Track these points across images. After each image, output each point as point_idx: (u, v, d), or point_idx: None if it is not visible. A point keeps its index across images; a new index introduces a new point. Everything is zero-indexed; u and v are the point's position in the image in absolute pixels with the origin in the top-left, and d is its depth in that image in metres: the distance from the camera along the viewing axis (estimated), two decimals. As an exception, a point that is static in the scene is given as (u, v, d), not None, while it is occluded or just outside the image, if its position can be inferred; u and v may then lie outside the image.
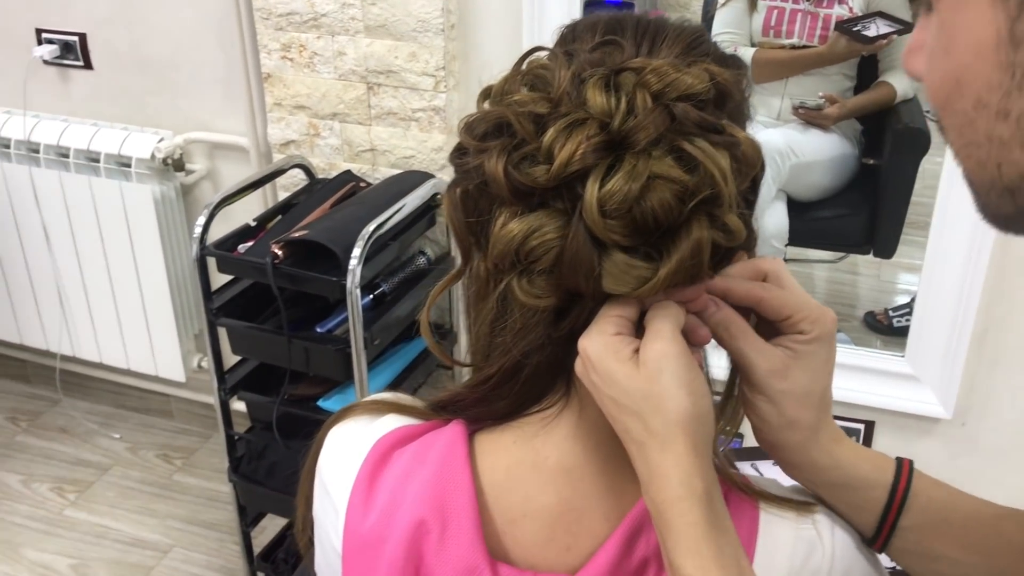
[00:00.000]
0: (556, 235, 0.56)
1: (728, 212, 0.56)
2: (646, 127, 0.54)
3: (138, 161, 2.15)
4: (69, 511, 2.35)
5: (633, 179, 0.53)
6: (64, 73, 2.26)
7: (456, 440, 0.66)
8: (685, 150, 0.54)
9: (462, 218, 0.62)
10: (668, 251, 0.55)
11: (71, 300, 2.39)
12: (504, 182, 0.56)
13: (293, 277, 1.65)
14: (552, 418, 0.64)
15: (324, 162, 2.00)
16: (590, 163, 0.54)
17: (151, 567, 2.18)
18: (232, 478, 1.89)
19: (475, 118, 0.60)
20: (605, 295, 0.57)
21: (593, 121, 0.55)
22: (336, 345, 1.67)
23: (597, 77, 0.56)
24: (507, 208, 0.57)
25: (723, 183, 0.54)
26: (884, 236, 2.56)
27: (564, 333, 0.60)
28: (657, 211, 0.54)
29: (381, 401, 0.74)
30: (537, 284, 0.58)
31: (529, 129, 0.56)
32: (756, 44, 2.65)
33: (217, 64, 2.10)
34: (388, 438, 0.69)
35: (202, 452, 2.53)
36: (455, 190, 0.62)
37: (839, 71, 2.61)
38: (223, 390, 1.84)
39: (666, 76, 0.56)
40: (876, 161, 2.68)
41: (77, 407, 2.68)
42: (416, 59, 1.83)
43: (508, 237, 0.57)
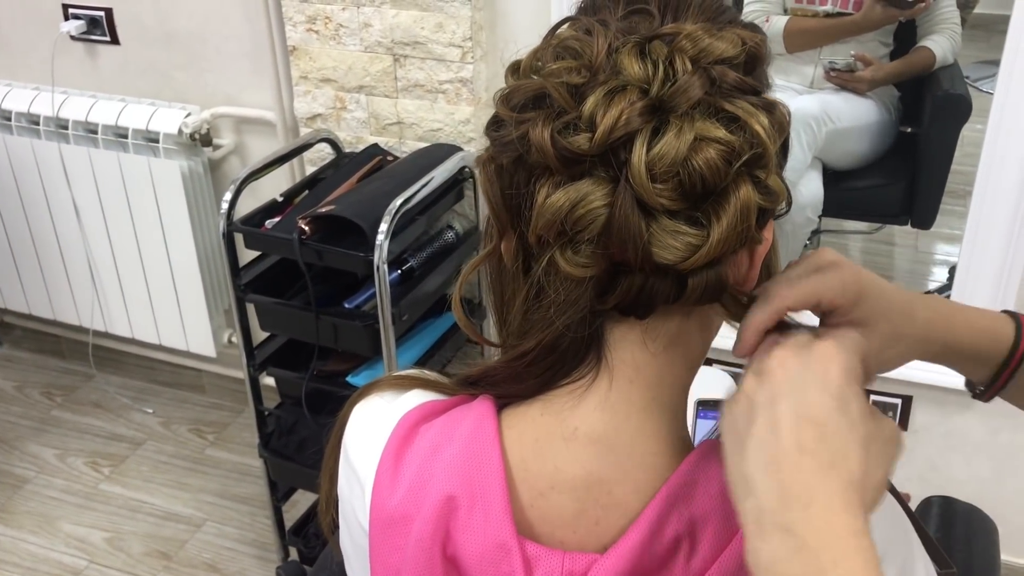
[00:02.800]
0: (603, 203, 0.55)
1: (770, 173, 0.57)
2: (687, 90, 0.54)
3: (166, 136, 2.14)
4: (104, 485, 2.37)
5: (680, 140, 0.53)
6: (91, 48, 2.26)
7: (485, 415, 0.65)
8: (727, 111, 0.55)
9: (499, 193, 0.61)
10: (716, 215, 0.55)
11: (102, 276, 2.40)
12: (551, 150, 0.55)
13: (320, 253, 1.64)
14: (582, 390, 0.63)
15: (351, 136, 1.98)
16: (635, 127, 0.54)
17: (184, 540, 2.20)
18: (263, 454, 1.90)
19: (511, 89, 0.59)
20: (653, 264, 0.56)
21: (633, 88, 0.55)
22: (364, 321, 1.66)
23: (631, 45, 0.56)
24: (548, 179, 0.57)
25: (768, 141, 0.55)
26: (923, 206, 2.50)
27: (608, 307, 0.59)
28: (704, 172, 0.53)
29: (406, 376, 0.73)
30: (583, 254, 0.57)
31: (568, 99, 0.56)
32: (789, 12, 2.59)
33: (243, 38, 2.08)
34: (414, 413, 0.68)
35: (234, 427, 2.54)
36: (490, 165, 0.62)
37: (875, 37, 2.54)
38: (252, 366, 1.84)
39: (700, 41, 0.56)
40: (914, 129, 2.61)
41: (110, 382, 2.70)
42: (443, 30, 1.80)
43: (554, 208, 0.56)
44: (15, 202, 2.41)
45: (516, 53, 0.63)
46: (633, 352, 0.62)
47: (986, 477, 1.91)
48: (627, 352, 0.62)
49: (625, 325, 0.61)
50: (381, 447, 0.67)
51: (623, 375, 0.62)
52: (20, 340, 2.86)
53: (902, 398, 1.88)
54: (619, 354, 0.62)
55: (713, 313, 0.64)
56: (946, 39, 2.51)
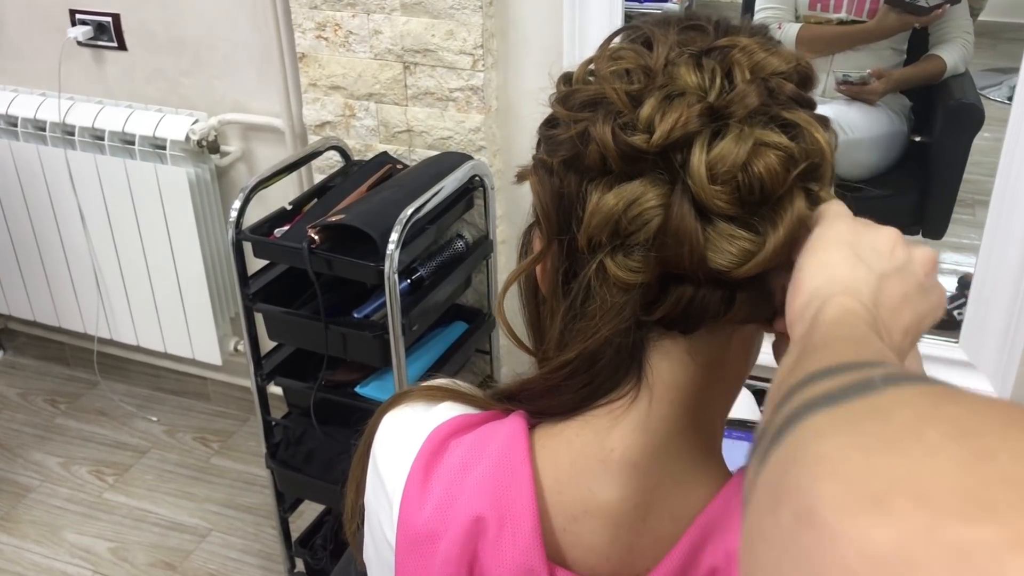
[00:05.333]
0: (658, 203, 0.55)
1: (824, 186, 0.57)
2: (745, 97, 0.54)
3: (173, 143, 2.13)
4: (108, 494, 2.35)
5: (740, 144, 0.53)
6: (98, 54, 2.24)
7: (517, 432, 0.63)
8: (785, 119, 0.55)
9: (550, 193, 0.60)
10: (773, 223, 0.54)
11: (108, 283, 2.39)
12: (612, 145, 0.55)
13: (330, 262, 1.62)
14: (621, 410, 0.61)
15: (360, 143, 1.96)
16: (694, 128, 0.54)
17: (190, 551, 2.18)
18: (270, 464, 1.88)
19: (567, 92, 0.60)
20: (707, 270, 0.55)
21: (692, 93, 0.55)
22: (374, 331, 1.64)
23: (687, 56, 0.57)
24: (600, 182, 0.57)
25: (828, 150, 0.56)
26: (934, 216, 2.49)
27: (654, 319, 0.58)
28: (764, 177, 0.53)
29: (437, 387, 0.72)
30: (634, 258, 0.56)
31: (625, 102, 0.56)
32: (801, 18, 2.57)
33: (251, 44, 2.07)
34: (445, 427, 0.66)
35: (239, 435, 2.52)
36: (540, 168, 0.62)
37: (888, 45, 2.52)
38: (260, 376, 1.82)
39: (755, 54, 0.56)
40: (925, 138, 2.59)
41: (115, 389, 2.68)
42: (453, 37, 1.78)
43: (607, 208, 0.56)
44: (21, 209, 2.39)
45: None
46: (675, 371, 0.60)
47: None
48: (669, 371, 0.60)
49: (668, 341, 0.60)
50: (410, 460, 0.66)
51: (664, 396, 0.60)
52: (24, 347, 2.84)
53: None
54: (660, 373, 0.60)
55: (756, 336, 0.63)
56: (958, 48, 2.49)
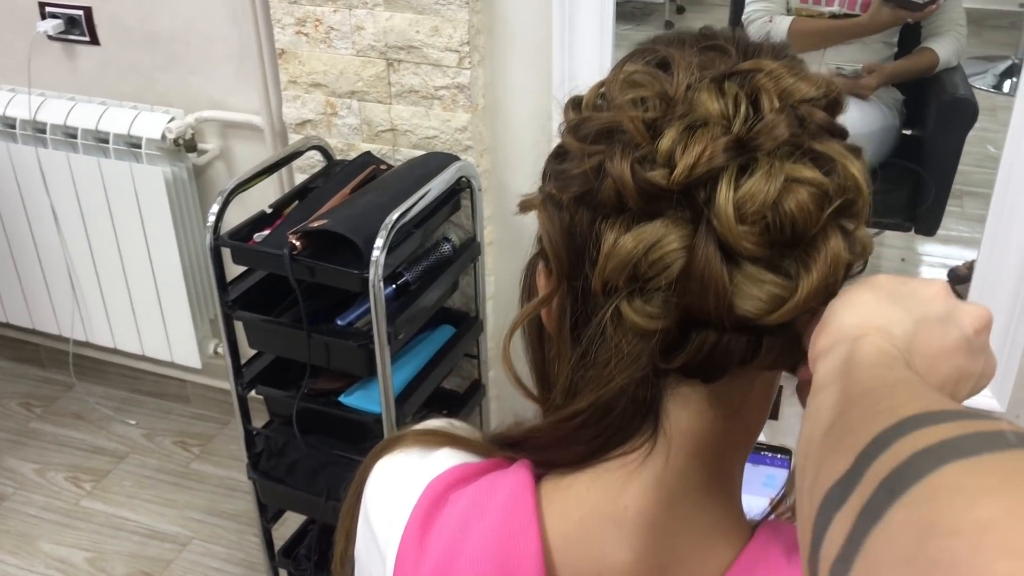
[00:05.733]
0: (680, 245, 0.50)
1: (860, 224, 0.52)
2: (773, 128, 0.49)
3: (148, 142, 2.06)
4: (85, 501, 2.29)
5: (771, 180, 0.49)
6: (69, 49, 2.17)
7: (522, 486, 0.58)
8: (817, 151, 0.50)
9: (561, 232, 0.55)
10: (805, 265, 0.49)
11: (83, 285, 2.32)
12: (631, 183, 0.50)
13: (312, 269, 1.57)
14: (636, 463, 0.56)
15: (342, 143, 1.90)
16: (720, 164, 0.49)
17: (170, 560, 2.13)
18: (251, 475, 1.82)
19: (578, 121, 0.54)
20: (733, 317, 0.50)
21: (715, 123, 0.50)
22: (358, 341, 1.59)
23: (708, 80, 0.52)
24: (615, 221, 0.51)
25: (864, 185, 0.51)
26: (927, 212, 2.45)
27: (676, 367, 0.53)
28: (796, 216, 0.48)
29: (434, 431, 0.66)
30: (654, 303, 0.51)
31: (643, 132, 0.51)
32: (793, 12, 2.52)
33: (229, 39, 2.00)
34: (444, 477, 0.61)
35: (220, 439, 2.46)
36: (549, 203, 0.56)
37: (880, 39, 2.48)
38: (240, 384, 1.76)
39: (782, 80, 0.51)
40: (918, 132, 2.55)
41: (92, 392, 2.61)
42: (439, 33, 1.72)
43: (625, 251, 0.50)
44: (-9, 208, 2.32)
45: (570, 90, 0.57)
46: (693, 421, 0.55)
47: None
48: (687, 421, 0.55)
49: (687, 388, 0.55)
50: (406, 515, 0.61)
51: (682, 448, 0.55)
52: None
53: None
54: (679, 423, 0.55)
55: (777, 379, 0.58)
56: (951, 40, 2.45)
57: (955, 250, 2.96)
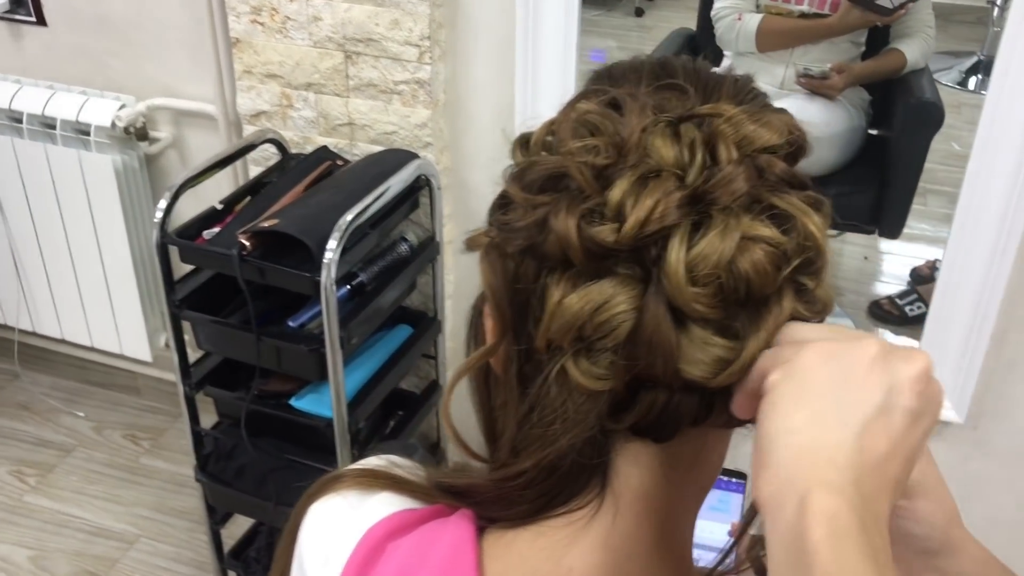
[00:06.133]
0: (629, 307, 0.47)
1: (821, 282, 0.49)
2: (731, 181, 0.46)
3: (97, 129, 1.99)
4: (29, 497, 2.22)
5: (726, 239, 0.45)
6: (15, 29, 2.08)
7: (463, 540, 0.55)
8: (776, 206, 0.47)
9: (504, 285, 0.51)
10: (755, 326, 0.47)
11: (29, 274, 2.25)
12: (576, 241, 0.46)
13: (262, 271, 1.52)
14: (582, 523, 0.53)
15: (298, 135, 1.85)
16: (672, 221, 0.46)
17: (116, 559, 2.07)
18: (199, 477, 1.77)
19: (523, 167, 0.51)
20: (679, 381, 0.47)
21: (669, 174, 0.47)
22: (309, 345, 1.54)
23: (663, 124, 0.48)
24: (561, 276, 0.48)
25: (823, 244, 0.48)
26: (891, 215, 2.44)
27: (623, 427, 0.50)
28: (752, 278, 0.46)
29: (374, 473, 0.62)
30: (600, 364, 0.48)
31: (591, 182, 0.47)
32: (762, 8, 2.49)
33: (183, 25, 1.93)
34: (382, 526, 0.58)
35: (172, 432, 2.40)
36: (493, 252, 0.52)
37: (848, 39, 2.46)
38: (188, 385, 1.71)
39: (742, 126, 0.48)
40: (884, 132, 2.54)
41: (39, 382, 2.54)
42: (399, 27, 1.67)
43: (572, 312, 0.47)
44: (-67, 192, 2.23)
45: (524, 125, 0.53)
46: (643, 479, 0.52)
47: (954, 505, 1.86)
48: (637, 479, 0.52)
49: (638, 446, 0.52)
50: (341, 565, 0.57)
51: (631, 507, 0.52)
52: (-59, 335, 2.68)
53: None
54: (628, 481, 0.52)
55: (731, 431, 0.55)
56: (919, 42, 2.44)
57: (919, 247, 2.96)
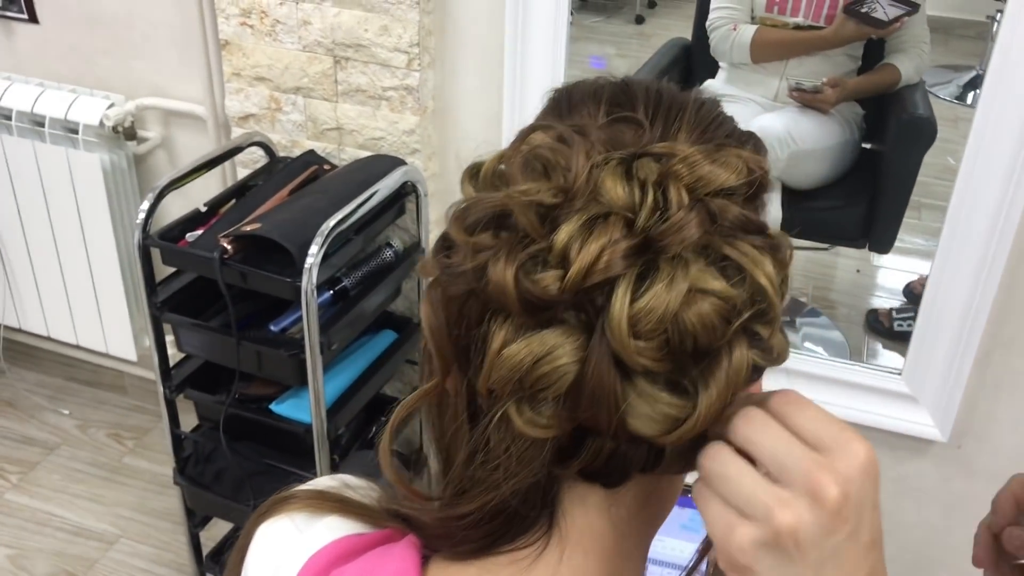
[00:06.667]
0: (572, 359, 0.44)
1: (775, 331, 0.46)
2: (682, 228, 0.44)
3: (86, 128, 1.98)
4: (10, 495, 2.22)
5: (671, 292, 0.43)
6: (7, 26, 2.08)
7: (407, 572, 0.54)
8: (728, 257, 0.45)
9: (445, 329, 0.49)
10: (705, 382, 0.44)
11: (15, 270, 2.24)
12: (514, 293, 0.44)
13: (244, 275, 1.51)
14: (528, 561, 0.52)
15: (286, 139, 1.84)
16: (616, 271, 0.44)
17: (95, 560, 2.06)
18: (178, 480, 1.76)
19: (467, 205, 0.48)
20: (626, 434, 0.45)
21: (617, 218, 0.44)
22: (289, 350, 1.53)
23: (615, 162, 0.46)
24: (505, 321, 0.46)
25: (775, 296, 0.45)
26: (882, 230, 2.44)
27: (570, 472, 0.49)
28: (698, 331, 0.44)
29: (324, 495, 0.61)
30: (543, 413, 0.46)
31: (536, 224, 0.45)
32: (757, 20, 2.49)
33: (173, 25, 1.92)
34: (326, 552, 0.57)
35: (155, 432, 2.39)
36: (436, 290, 0.50)
37: (843, 52, 2.45)
38: (168, 387, 1.70)
39: (698, 167, 0.46)
40: (877, 146, 2.54)
41: (25, 379, 2.53)
42: (388, 33, 1.66)
43: (512, 363, 0.45)
44: (-79, 187, 2.23)
45: (472, 151, 0.51)
46: (591, 520, 0.51)
47: (936, 524, 1.85)
48: (585, 518, 0.51)
49: (584, 488, 0.51)
50: None
51: (578, 545, 0.51)
52: (-72, 329, 2.67)
53: (855, 440, 1.80)
54: (575, 520, 0.51)
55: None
56: (914, 57, 2.43)
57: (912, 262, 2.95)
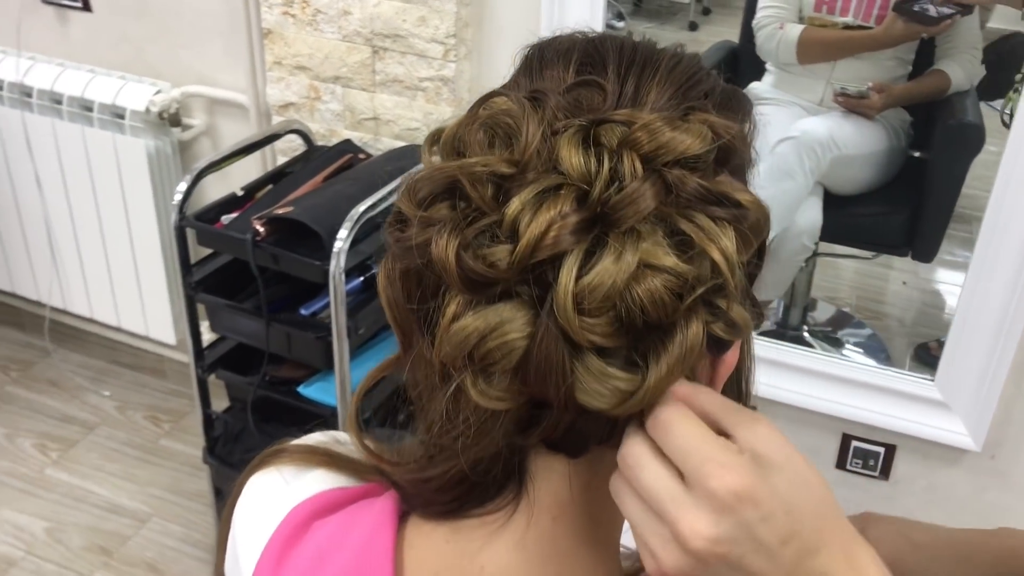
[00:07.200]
0: (521, 334, 0.44)
1: (733, 304, 0.45)
2: (635, 201, 0.43)
3: (132, 113, 2.03)
4: (50, 470, 2.27)
5: (619, 267, 0.42)
6: (62, 14, 2.14)
7: (383, 524, 0.55)
8: (682, 230, 0.44)
9: (402, 301, 0.49)
10: (656, 355, 0.44)
11: (62, 252, 2.30)
12: (455, 271, 0.44)
13: (275, 257, 1.54)
14: (497, 524, 0.53)
15: (324, 128, 1.87)
16: (565, 247, 0.43)
17: (128, 536, 2.11)
18: (207, 460, 1.80)
19: (419, 178, 0.47)
20: (576, 407, 0.45)
21: (569, 190, 0.43)
22: (317, 333, 1.56)
23: (573, 131, 0.45)
24: (458, 295, 0.45)
25: (729, 273, 0.44)
26: (925, 238, 2.39)
27: (531, 442, 0.49)
28: (648, 309, 0.43)
29: (313, 449, 0.63)
30: (496, 385, 0.45)
31: (487, 197, 0.44)
32: (805, 19, 2.46)
33: (219, 14, 1.96)
34: (309, 504, 0.58)
35: (191, 417, 2.43)
36: (392, 263, 0.49)
37: (893, 55, 2.41)
38: (201, 367, 1.73)
39: (658, 135, 0.44)
40: (924, 155, 2.49)
41: (70, 360, 2.59)
42: (426, 24, 1.68)
43: (460, 336, 0.44)
44: (-24, 168, 2.30)
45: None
46: (557, 487, 0.51)
47: (968, 536, 1.81)
48: (551, 486, 0.51)
49: (551, 457, 0.51)
50: (265, 540, 0.58)
51: (546, 512, 0.52)
52: (-20, 310, 2.76)
53: (885, 446, 1.77)
54: (542, 487, 0.52)
55: None
56: (965, 63, 2.38)
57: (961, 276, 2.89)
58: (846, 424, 1.75)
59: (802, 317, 2.46)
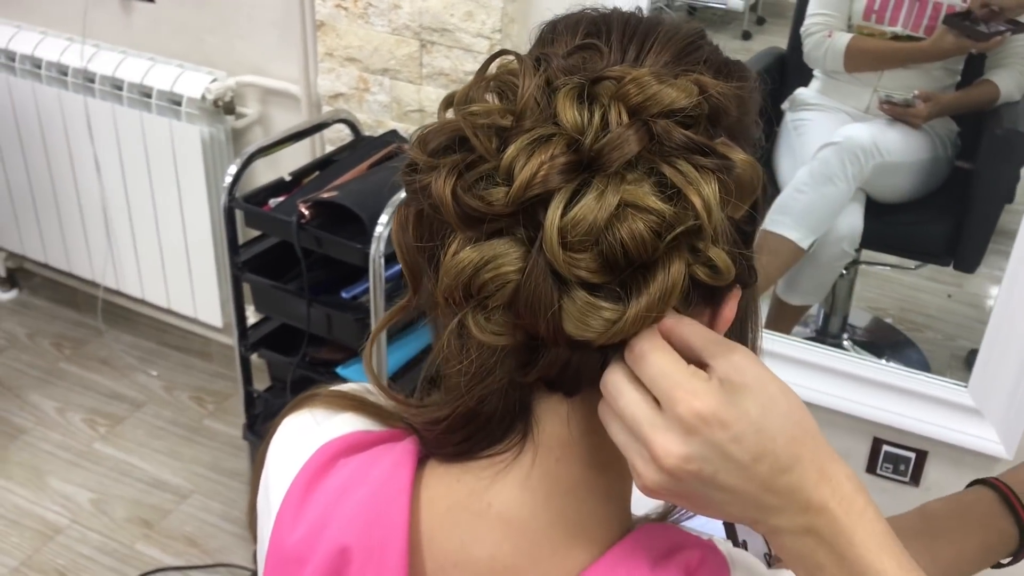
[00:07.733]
0: (513, 268, 0.48)
1: (712, 246, 0.48)
2: (620, 146, 0.47)
3: (188, 100, 2.10)
4: (98, 444, 2.35)
5: (600, 205, 0.46)
6: (126, 4, 2.22)
7: (402, 464, 0.58)
8: (665, 175, 0.47)
9: (411, 242, 0.54)
10: (638, 289, 0.47)
11: (117, 234, 2.38)
12: (451, 206, 0.48)
13: (319, 239, 1.59)
14: (504, 464, 0.56)
15: (371, 119, 1.92)
16: (553, 185, 0.47)
17: (168, 511, 2.17)
18: (247, 436, 1.85)
19: (429, 130, 0.52)
20: (565, 340, 0.48)
21: (561, 137, 0.48)
22: (356, 314, 1.60)
23: (570, 87, 0.49)
24: (461, 234, 0.49)
25: (705, 214, 0.47)
26: (968, 248, 2.37)
27: (531, 380, 0.52)
28: (628, 245, 0.46)
29: (343, 395, 0.66)
30: (495, 321, 0.49)
31: (488, 144, 0.49)
32: (854, 28, 2.46)
33: (275, 6, 2.02)
34: (337, 443, 0.62)
35: (235, 399, 2.50)
36: (405, 209, 0.54)
37: (942, 66, 2.40)
38: (244, 345, 1.79)
39: (647, 88, 0.48)
40: (970, 165, 2.48)
41: (121, 340, 2.68)
42: (472, 19, 1.72)
43: (458, 268, 0.49)
44: (39, 151, 2.39)
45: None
46: (559, 429, 0.55)
47: (999, 546, 1.80)
48: (555, 428, 0.55)
49: (554, 398, 0.54)
50: (294, 474, 0.61)
51: (550, 453, 0.55)
52: (38, 288, 2.85)
53: (916, 452, 1.77)
54: (546, 429, 0.55)
55: None
56: (1015, 74, 2.37)
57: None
58: (877, 428, 1.75)
59: (842, 325, 2.45)
